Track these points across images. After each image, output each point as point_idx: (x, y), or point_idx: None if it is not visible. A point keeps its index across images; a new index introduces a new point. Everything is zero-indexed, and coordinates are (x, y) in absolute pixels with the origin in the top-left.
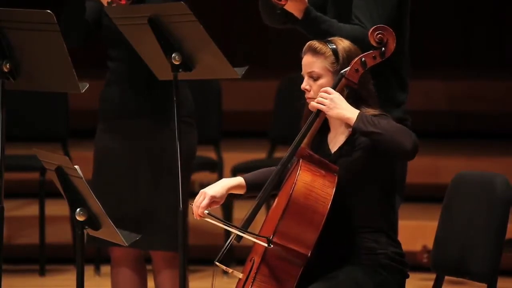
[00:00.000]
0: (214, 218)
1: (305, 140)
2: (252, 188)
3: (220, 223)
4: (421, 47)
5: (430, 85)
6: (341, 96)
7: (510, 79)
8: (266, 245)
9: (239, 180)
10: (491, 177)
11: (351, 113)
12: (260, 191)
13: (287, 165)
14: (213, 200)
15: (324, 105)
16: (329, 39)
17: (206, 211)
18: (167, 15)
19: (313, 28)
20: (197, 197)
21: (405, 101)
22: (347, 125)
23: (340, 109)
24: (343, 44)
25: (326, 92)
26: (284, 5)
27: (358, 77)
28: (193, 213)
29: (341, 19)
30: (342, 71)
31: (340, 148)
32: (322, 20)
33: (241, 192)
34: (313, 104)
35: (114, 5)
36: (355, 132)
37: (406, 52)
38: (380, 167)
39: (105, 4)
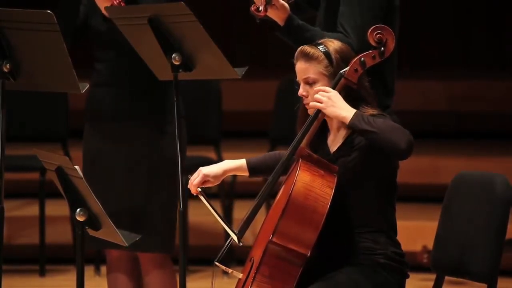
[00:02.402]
0: (204, 198)
1: (304, 141)
2: (254, 172)
3: (208, 205)
4: (420, 48)
5: (429, 85)
6: (338, 95)
7: (510, 79)
8: (236, 240)
9: (241, 162)
10: (491, 177)
11: (348, 111)
12: (263, 175)
13: (286, 166)
14: (206, 179)
15: (322, 103)
16: (318, 41)
17: (199, 189)
18: (167, 15)
19: (296, 36)
20: (194, 174)
21: (391, 104)
22: (346, 126)
23: (337, 107)
24: (334, 45)
25: (323, 91)
26: (263, 17)
27: (357, 77)
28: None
29: (327, 14)
30: (341, 71)
31: (339, 148)
32: (305, 29)
33: (245, 174)
34: (311, 104)
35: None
36: (350, 128)
37: (393, 56)
38: (379, 166)
39: (103, 9)
